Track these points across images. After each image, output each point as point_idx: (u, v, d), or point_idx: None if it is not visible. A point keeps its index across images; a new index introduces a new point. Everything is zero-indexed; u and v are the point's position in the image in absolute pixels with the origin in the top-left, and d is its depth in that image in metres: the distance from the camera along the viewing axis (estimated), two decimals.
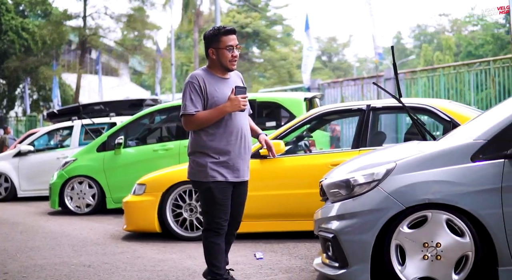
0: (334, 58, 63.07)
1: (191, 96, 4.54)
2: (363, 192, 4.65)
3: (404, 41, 71.19)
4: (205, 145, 4.58)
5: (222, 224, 4.62)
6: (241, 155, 4.64)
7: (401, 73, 21.00)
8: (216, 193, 4.57)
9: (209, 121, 4.53)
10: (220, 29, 4.60)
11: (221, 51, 4.55)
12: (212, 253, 4.64)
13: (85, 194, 10.49)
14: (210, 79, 4.59)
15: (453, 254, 4.42)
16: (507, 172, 4.37)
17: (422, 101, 7.18)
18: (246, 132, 4.68)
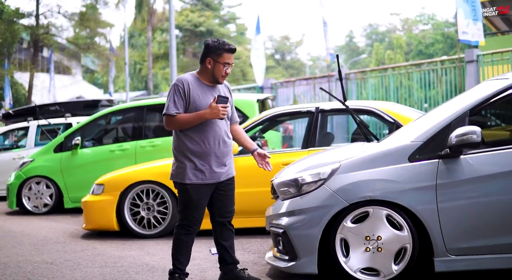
0: (287, 57, 63.69)
1: (174, 98, 4.82)
2: (310, 190, 5.03)
3: (356, 40, 72.26)
4: (185, 148, 4.86)
5: (194, 223, 4.90)
6: (219, 158, 4.89)
7: (352, 73, 21.59)
8: (192, 194, 4.85)
9: (188, 124, 4.80)
10: (225, 45, 4.85)
11: (218, 65, 4.82)
12: (177, 248, 4.92)
13: (42, 194, 10.67)
14: (196, 85, 4.86)
15: (392, 246, 4.82)
16: (441, 170, 4.79)
17: (367, 104, 7.60)
18: (224, 138, 4.92)
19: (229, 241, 5.09)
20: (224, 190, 5.01)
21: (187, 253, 4.95)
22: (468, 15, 15.76)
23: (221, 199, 5.01)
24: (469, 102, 4.99)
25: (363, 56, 61.29)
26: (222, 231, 5.06)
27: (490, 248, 4.75)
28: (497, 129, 6.31)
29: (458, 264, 4.79)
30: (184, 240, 4.92)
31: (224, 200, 5.03)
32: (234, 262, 5.10)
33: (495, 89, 4.98)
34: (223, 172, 4.94)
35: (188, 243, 4.94)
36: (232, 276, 5.07)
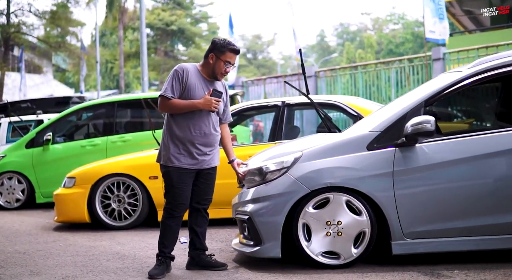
0: (259, 56, 63.96)
1: (172, 82, 5.09)
2: (274, 178, 5.26)
3: (328, 39, 72.75)
4: (173, 132, 5.14)
5: (177, 207, 5.17)
6: (202, 147, 5.16)
7: (322, 71, 21.89)
8: (173, 177, 5.13)
9: (180, 109, 5.07)
10: (230, 45, 5.14)
11: (219, 62, 5.10)
12: (163, 232, 5.20)
13: (14, 189, 10.75)
14: (195, 75, 5.13)
15: (352, 230, 5.07)
16: (398, 158, 5.05)
17: (331, 98, 7.86)
18: (210, 130, 5.18)
19: (202, 228, 5.36)
20: (205, 178, 5.27)
21: (171, 237, 5.21)
22: (434, 14, 16.16)
23: (201, 187, 5.27)
24: (425, 93, 5.26)
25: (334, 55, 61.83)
26: (197, 217, 5.33)
27: (445, 231, 5.02)
28: (456, 121, 6.57)
29: (415, 247, 5.05)
30: (168, 223, 5.19)
31: (204, 188, 5.29)
32: (202, 248, 5.36)
33: (449, 81, 5.25)
34: (205, 160, 5.19)
35: (172, 227, 5.19)
36: (199, 261, 5.35)
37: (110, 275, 5.32)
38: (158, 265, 5.19)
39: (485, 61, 5.30)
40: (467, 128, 6.73)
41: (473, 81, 5.22)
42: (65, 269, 5.62)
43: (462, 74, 5.26)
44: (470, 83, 5.22)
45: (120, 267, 5.64)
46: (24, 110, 13.66)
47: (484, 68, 5.22)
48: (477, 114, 6.36)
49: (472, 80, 5.20)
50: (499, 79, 5.51)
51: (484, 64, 5.26)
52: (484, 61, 5.31)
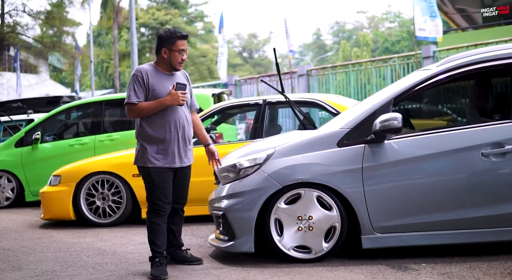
0: (255, 55, 64.07)
1: (134, 87, 5.09)
2: (247, 174, 5.40)
3: (324, 38, 72.87)
4: (146, 134, 5.14)
5: (162, 206, 5.15)
6: (179, 144, 5.15)
7: (314, 69, 22.02)
8: (155, 177, 5.13)
9: (149, 111, 5.07)
10: (176, 33, 5.14)
11: (173, 53, 5.10)
12: (152, 232, 5.16)
13: (4, 188, 10.87)
14: (154, 74, 5.14)
15: (323, 225, 5.20)
16: (367, 155, 5.18)
17: (312, 96, 8.00)
18: (184, 124, 5.18)
19: (178, 226, 5.46)
20: (181, 177, 5.30)
21: (162, 236, 5.19)
22: (425, 12, 16.29)
23: (177, 186, 5.29)
24: (393, 91, 5.39)
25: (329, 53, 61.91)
26: (174, 216, 5.37)
27: (413, 226, 5.15)
28: (438, 118, 6.70)
29: (384, 241, 5.19)
30: (156, 222, 5.16)
31: (180, 187, 5.33)
32: (178, 244, 5.47)
33: (417, 79, 5.39)
34: (183, 158, 5.22)
35: (161, 225, 5.18)
36: (175, 256, 5.44)
37: (88, 270, 5.46)
38: (158, 266, 5.09)
39: (453, 59, 5.43)
40: (444, 125, 6.88)
41: (441, 79, 5.36)
42: (46, 264, 5.76)
43: (430, 72, 5.39)
44: (438, 81, 5.37)
45: (99, 262, 5.78)
46: (15, 110, 13.79)
47: (452, 66, 5.35)
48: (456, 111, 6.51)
49: (440, 78, 5.34)
50: (470, 76, 5.63)
51: (452, 62, 5.39)
52: (453, 59, 5.45)
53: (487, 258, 5.09)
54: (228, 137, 10.33)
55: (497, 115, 5.57)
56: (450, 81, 5.44)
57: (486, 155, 5.04)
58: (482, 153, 5.04)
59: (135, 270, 5.38)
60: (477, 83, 5.73)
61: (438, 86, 5.59)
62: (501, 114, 5.51)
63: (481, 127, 5.15)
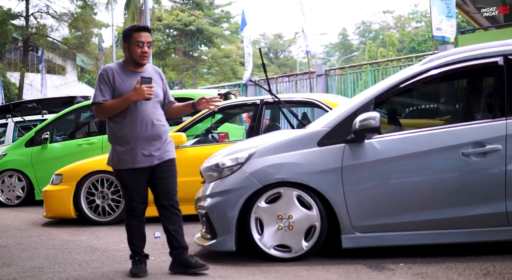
0: (280, 55, 64.06)
1: (100, 86, 4.92)
2: (230, 173, 5.44)
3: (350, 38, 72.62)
4: (114, 134, 4.99)
5: (136, 207, 5.04)
6: (149, 141, 4.93)
7: (332, 69, 21.99)
8: (126, 179, 5.01)
9: (115, 109, 4.87)
10: (133, 27, 4.99)
11: (132, 46, 4.91)
12: (129, 233, 5.11)
13: (15, 187, 11.10)
14: (121, 72, 4.95)
15: (302, 224, 5.22)
16: (346, 154, 5.19)
17: (309, 96, 8.03)
18: (154, 120, 4.95)
19: (175, 225, 5.08)
20: (161, 173, 5.04)
21: (140, 235, 5.11)
22: (441, 11, 16.22)
23: (160, 182, 5.05)
24: (375, 90, 5.40)
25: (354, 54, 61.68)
26: (167, 215, 5.08)
27: (393, 225, 5.14)
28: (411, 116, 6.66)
29: (364, 241, 5.19)
30: (132, 223, 5.08)
31: (163, 183, 5.06)
32: (181, 246, 5.08)
33: (399, 78, 5.38)
34: (156, 155, 4.98)
35: (137, 226, 5.08)
36: (179, 260, 5.07)
37: (74, 267, 5.56)
38: (137, 264, 5.08)
39: (436, 58, 5.42)
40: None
41: (424, 78, 5.34)
42: (35, 261, 5.87)
43: (413, 71, 5.39)
44: (421, 80, 5.35)
45: (87, 259, 5.87)
46: (30, 110, 13.99)
47: (435, 65, 5.34)
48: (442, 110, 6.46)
49: (422, 77, 5.33)
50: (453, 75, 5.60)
51: (435, 61, 5.38)
52: (436, 58, 5.43)
53: (467, 258, 5.06)
54: (235, 137, 10.38)
55: (479, 114, 5.54)
56: (433, 80, 5.43)
57: (467, 155, 5.01)
58: (462, 152, 5.01)
59: (119, 267, 5.46)
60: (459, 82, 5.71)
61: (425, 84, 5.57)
62: (483, 114, 5.48)
63: (462, 126, 5.13)
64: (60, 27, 33.87)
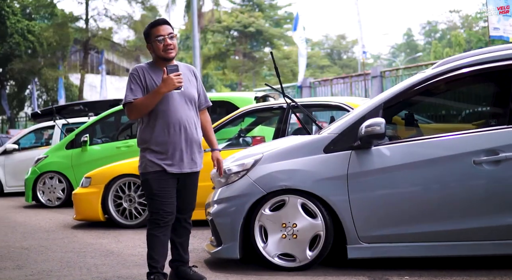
0: (344, 56, 63.53)
1: (130, 86, 4.60)
2: (235, 180, 5.35)
3: (416, 38, 71.43)
4: (145, 137, 4.63)
5: (162, 216, 4.60)
6: (182, 146, 4.61)
7: (387, 71, 21.66)
8: (153, 184, 4.60)
9: (147, 105, 4.51)
10: (150, 24, 4.69)
11: (154, 44, 4.61)
12: (151, 245, 4.66)
13: (55, 188, 11.29)
14: (151, 71, 4.65)
15: (307, 233, 5.07)
16: (352, 161, 5.02)
17: (336, 100, 7.85)
18: (188, 124, 4.63)
19: (182, 239, 4.85)
20: (184, 184, 4.74)
21: (162, 250, 4.66)
22: None
23: (180, 194, 4.73)
24: (384, 95, 5.21)
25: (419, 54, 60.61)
26: (177, 227, 4.79)
27: (400, 236, 4.94)
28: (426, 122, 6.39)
29: (370, 251, 5.00)
30: (156, 234, 4.63)
31: (184, 195, 4.76)
32: (181, 259, 4.86)
33: (409, 83, 5.18)
34: (186, 163, 4.66)
35: (161, 238, 4.64)
36: (178, 273, 4.87)
37: (82, 271, 5.57)
38: None
39: (448, 61, 5.19)
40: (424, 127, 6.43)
41: (435, 82, 5.12)
42: (47, 264, 5.92)
43: (424, 75, 5.17)
44: (432, 84, 5.13)
45: (98, 263, 5.88)
46: (77, 113, 14.22)
47: (446, 68, 5.11)
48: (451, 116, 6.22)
49: (433, 81, 5.11)
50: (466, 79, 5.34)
51: (447, 64, 5.15)
52: (448, 61, 5.21)
53: (476, 272, 4.82)
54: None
55: (493, 120, 5.26)
56: (444, 84, 5.21)
57: (478, 163, 4.77)
58: (474, 160, 4.77)
59: (124, 273, 5.44)
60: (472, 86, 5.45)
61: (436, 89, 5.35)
62: (497, 119, 5.20)
63: (474, 132, 4.90)
64: (119, 30, 34.49)
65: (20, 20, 31.29)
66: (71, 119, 13.76)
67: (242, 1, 47.60)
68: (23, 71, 31.89)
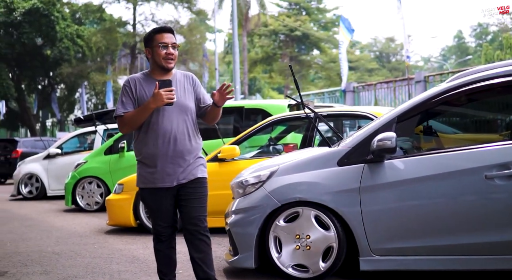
0: (392, 59, 62.98)
1: (122, 98, 4.47)
2: (252, 191, 5.47)
3: (466, 40, 70.34)
4: (136, 151, 4.54)
5: (160, 231, 4.54)
6: (172, 159, 4.41)
7: (431, 76, 21.49)
8: (148, 199, 4.53)
9: (136, 120, 4.38)
10: (154, 29, 4.55)
11: (155, 49, 4.43)
12: (157, 259, 4.64)
13: (94, 193, 11.62)
14: (145, 82, 4.48)
15: (320, 245, 5.16)
16: (365, 174, 5.07)
17: (363, 109, 7.88)
18: (178, 135, 4.43)
19: (201, 254, 4.50)
20: (185, 195, 4.49)
21: (167, 262, 4.61)
22: None
23: (184, 205, 4.50)
24: (399, 109, 5.25)
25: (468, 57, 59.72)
26: (192, 241, 4.49)
27: (412, 249, 4.97)
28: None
29: (382, 264, 5.04)
30: (159, 249, 4.60)
31: (187, 205, 4.49)
32: (207, 277, 4.50)
33: (424, 97, 5.20)
34: (178, 175, 4.44)
35: (164, 252, 4.59)
36: None
37: (105, 277, 5.77)
38: None
39: (463, 75, 5.20)
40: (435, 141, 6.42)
41: (450, 96, 5.12)
42: (74, 270, 6.14)
43: (438, 89, 5.19)
44: (446, 98, 5.15)
45: (122, 270, 6.07)
46: None
47: (460, 83, 5.12)
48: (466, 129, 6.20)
49: (448, 95, 5.11)
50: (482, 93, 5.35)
51: (461, 79, 5.16)
52: (463, 75, 5.22)
53: None
54: None
55: (505, 135, 5.25)
56: (458, 98, 5.23)
57: (490, 178, 4.76)
58: (485, 175, 4.77)
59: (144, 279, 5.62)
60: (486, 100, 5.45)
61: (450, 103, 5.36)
62: (509, 134, 5.18)
63: (486, 147, 4.90)
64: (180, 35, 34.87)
65: (69, 25, 32.05)
66: (112, 124, 14.05)
67: (289, 5, 47.73)
68: (72, 75, 32.65)
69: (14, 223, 10.29)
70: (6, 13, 30.31)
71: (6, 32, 31.60)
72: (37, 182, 14.78)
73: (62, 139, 15.59)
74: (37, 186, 14.80)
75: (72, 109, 38.41)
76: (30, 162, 15.01)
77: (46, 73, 34.63)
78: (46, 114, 40.11)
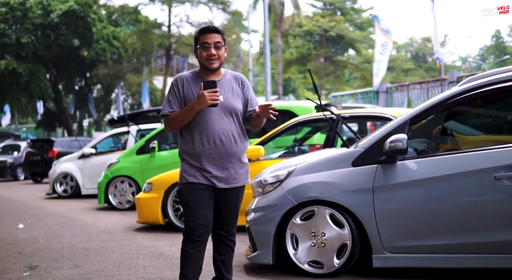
0: (429, 59, 62.54)
1: (169, 97, 4.49)
2: (271, 190, 5.70)
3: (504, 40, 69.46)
4: (181, 149, 4.54)
5: (194, 229, 4.38)
6: (216, 160, 4.42)
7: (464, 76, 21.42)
8: (186, 194, 4.43)
9: (181, 120, 4.39)
10: (200, 29, 4.52)
11: (199, 50, 4.45)
12: (182, 262, 4.50)
13: (125, 192, 11.95)
14: (193, 81, 4.48)
15: (334, 242, 5.37)
16: (378, 175, 5.26)
17: (383, 111, 8.04)
18: (224, 136, 4.41)
19: (223, 256, 4.61)
20: (223, 199, 4.51)
21: (192, 266, 4.45)
22: None
23: (220, 209, 4.52)
24: (412, 112, 5.42)
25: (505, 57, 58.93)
26: (218, 243, 4.61)
27: (423, 247, 5.14)
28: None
29: (394, 261, 5.23)
30: (186, 250, 4.44)
31: (223, 210, 4.53)
32: (222, 278, 4.63)
33: (436, 100, 5.36)
34: (223, 177, 4.44)
35: (192, 255, 4.42)
36: None
37: (130, 271, 6.04)
38: None
39: (475, 79, 5.35)
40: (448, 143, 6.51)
41: (461, 99, 5.28)
42: (101, 265, 6.43)
43: (450, 92, 5.35)
44: (458, 101, 5.30)
45: (147, 265, 6.34)
46: (151, 119, 14.84)
47: (472, 86, 5.27)
48: None
49: (459, 98, 5.27)
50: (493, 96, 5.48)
51: (473, 82, 5.31)
52: (474, 78, 5.36)
53: None
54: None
55: None
56: (469, 101, 5.37)
57: (499, 179, 4.91)
58: (494, 176, 4.92)
59: (167, 274, 5.87)
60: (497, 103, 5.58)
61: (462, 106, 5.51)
62: None
63: (495, 149, 5.04)
64: None
65: (106, 27, 32.62)
66: (145, 125, 14.40)
67: (323, 5, 47.81)
68: (108, 76, 33.24)
69: (48, 220, 10.66)
70: (43, 15, 30.96)
71: (44, 34, 32.27)
72: (72, 181, 15.20)
73: (96, 139, 16.01)
74: (71, 185, 15.23)
75: (109, 109, 39.07)
76: (65, 161, 15.44)
77: (82, 74, 35.32)
78: (83, 114, 40.86)
